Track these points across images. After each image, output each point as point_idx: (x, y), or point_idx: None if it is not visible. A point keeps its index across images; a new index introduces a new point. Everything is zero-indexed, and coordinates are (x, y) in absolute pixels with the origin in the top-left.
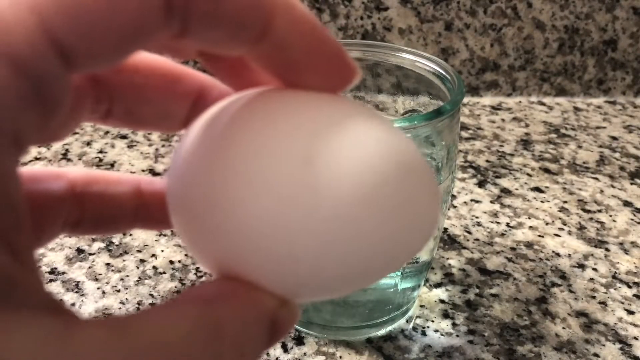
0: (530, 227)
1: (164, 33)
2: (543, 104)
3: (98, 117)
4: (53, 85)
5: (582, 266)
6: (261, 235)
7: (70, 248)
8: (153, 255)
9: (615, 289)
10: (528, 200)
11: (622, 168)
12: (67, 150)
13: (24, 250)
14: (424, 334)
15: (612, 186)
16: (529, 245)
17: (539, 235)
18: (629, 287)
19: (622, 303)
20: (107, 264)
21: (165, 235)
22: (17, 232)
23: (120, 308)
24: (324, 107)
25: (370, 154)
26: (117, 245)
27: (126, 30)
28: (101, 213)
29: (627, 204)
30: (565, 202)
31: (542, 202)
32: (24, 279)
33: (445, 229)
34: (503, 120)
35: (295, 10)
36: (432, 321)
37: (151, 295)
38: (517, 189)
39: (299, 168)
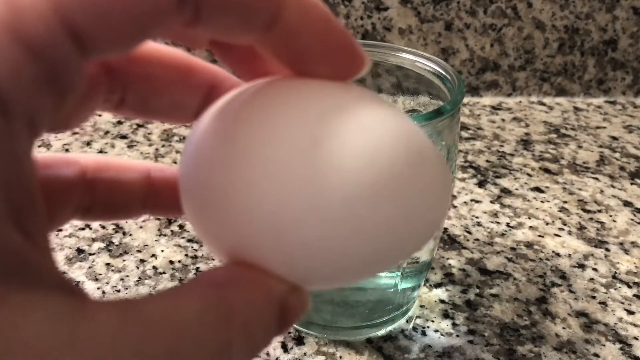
0: (531, 227)
1: (176, 20)
2: (543, 104)
3: (111, 107)
4: (67, 70)
5: (582, 266)
6: (270, 218)
7: (70, 248)
8: (153, 255)
9: (615, 289)
10: (528, 200)
11: (622, 168)
12: (67, 150)
13: (37, 232)
14: (424, 334)
15: (612, 186)
16: (529, 245)
17: (539, 235)
18: (629, 287)
19: (622, 303)
20: (107, 264)
21: (165, 235)
22: (31, 214)
23: None
24: (333, 94)
25: (379, 137)
26: (117, 245)
27: (139, 16)
28: (112, 199)
29: (627, 204)
30: (565, 202)
31: (542, 202)
32: (37, 260)
33: (445, 229)
34: (503, 120)
35: None
36: (432, 321)
37: (151, 295)
38: (517, 189)
39: (307, 151)
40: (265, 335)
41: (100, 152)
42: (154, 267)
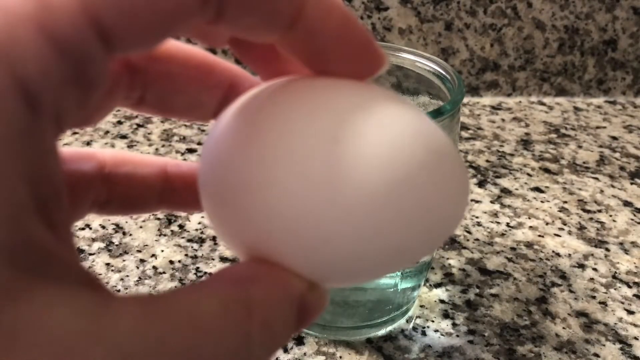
0: (531, 227)
1: (200, 18)
2: (543, 103)
3: (130, 104)
4: (93, 67)
5: (582, 266)
6: (290, 215)
7: None
8: (153, 255)
9: (615, 289)
10: (528, 200)
11: (622, 168)
12: None
13: (62, 226)
14: (424, 334)
15: (612, 186)
16: (529, 245)
17: (539, 235)
18: (629, 287)
19: (622, 303)
20: (107, 264)
21: (165, 235)
22: (56, 208)
23: None
24: (353, 92)
25: (398, 135)
26: (116, 245)
27: (165, 14)
28: (129, 194)
29: (627, 204)
30: (565, 202)
31: (542, 202)
32: (62, 254)
33: None
34: (503, 120)
35: None
36: (432, 321)
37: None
38: (517, 189)
39: (326, 147)
40: (285, 331)
41: None
42: (154, 267)
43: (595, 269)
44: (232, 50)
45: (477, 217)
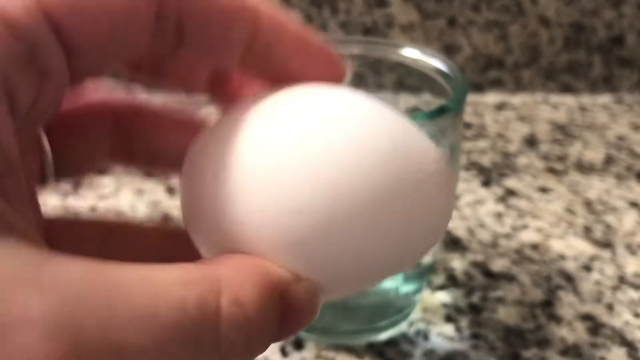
0: (536, 228)
1: (159, 37)
2: (548, 102)
3: (119, 159)
4: (46, 53)
5: (588, 268)
6: (259, 225)
7: None
8: None
9: (622, 292)
10: (533, 201)
11: (629, 168)
12: None
13: (17, 198)
14: (426, 338)
15: (619, 187)
16: (534, 247)
17: (544, 237)
18: (636, 289)
19: (629, 306)
20: None
21: None
22: (6, 177)
23: None
24: (319, 97)
25: (372, 134)
26: None
27: (112, 11)
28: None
29: (634, 204)
30: (571, 203)
31: (547, 202)
32: (10, 216)
33: (448, 231)
34: (507, 119)
35: (276, 13)
36: (435, 325)
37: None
38: (522, 190)
39: (298, 156)
40: (263, 321)
41: None
42: None
43: (601, 271)
44: (210, 95)
45: (480, 218)
